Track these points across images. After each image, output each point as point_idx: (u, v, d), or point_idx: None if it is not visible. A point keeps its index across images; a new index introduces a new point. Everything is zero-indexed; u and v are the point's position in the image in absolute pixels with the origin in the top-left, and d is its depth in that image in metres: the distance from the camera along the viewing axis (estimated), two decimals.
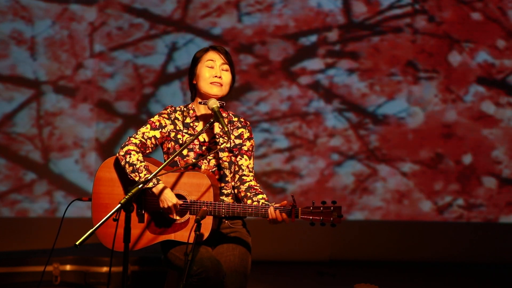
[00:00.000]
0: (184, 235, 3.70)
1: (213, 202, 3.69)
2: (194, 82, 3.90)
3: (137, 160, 3.72)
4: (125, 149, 3.76)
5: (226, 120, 3.90)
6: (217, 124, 3.89)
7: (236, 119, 3.93)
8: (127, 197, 3.44)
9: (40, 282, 5.32)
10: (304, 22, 7.12)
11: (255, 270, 4.10)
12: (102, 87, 7.01)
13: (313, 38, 7.14)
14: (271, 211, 3.63)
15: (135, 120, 7.03)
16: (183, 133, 3.87)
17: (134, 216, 3.76)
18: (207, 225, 3.68)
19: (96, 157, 7.00)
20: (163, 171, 3.67)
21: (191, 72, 3.91)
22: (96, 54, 7.00)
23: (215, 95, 3.83)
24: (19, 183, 6.97)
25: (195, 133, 3.84)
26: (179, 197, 3.73)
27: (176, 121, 3.88)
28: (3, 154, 6.95)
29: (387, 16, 7.17)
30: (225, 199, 3.86)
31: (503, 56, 7.19)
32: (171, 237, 3.73)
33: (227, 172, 3.85)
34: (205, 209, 3.65)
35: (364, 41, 7.16)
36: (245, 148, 3.89)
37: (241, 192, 3.83)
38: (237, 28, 7.09)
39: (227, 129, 3.68)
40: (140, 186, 3.50)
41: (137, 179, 3.68)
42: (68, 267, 5.53)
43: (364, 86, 7.17)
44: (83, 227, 3.79)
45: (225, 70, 3.88)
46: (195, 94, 3.92)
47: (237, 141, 3.89)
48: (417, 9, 7.16)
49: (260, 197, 3.76)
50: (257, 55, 7.11)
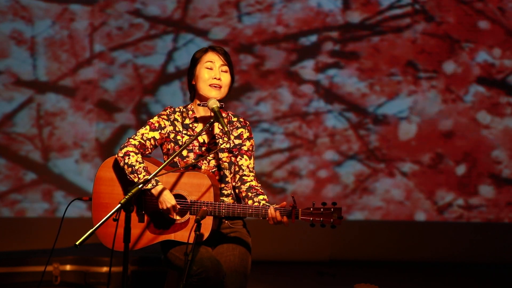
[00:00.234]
0: (184, 235, 3.69)
1: (213, 202, 3.69)
2: (193, 83, 3.90)
3: (136, 161, 3.72)
4: (124, 151, 3.75)
5: (225, 120, 3.90)
6: (216, 124, 3.88)
7: (235, 119, 3.93)
8: (127, 197, 3.44)
9: (40, 282, 5.32)
10: (304, 22, 7.12)
11: (255, 270, 4.10)
12: (102, 87, 7.00)
13: (313, 38, 7.14)
14: (271, 212, 3.63)
15: (135, 120, 7.03)
16: (183, 134, 3.86)
17: (134, 216, 3.75)
18: (207, 225, 3.68)
19: (96, 157, 6.99)
20: (163, 171, 3.67)
21: (190, 72, 3.90)
22: (96, 54, 7.00)
23: (214, 98, 3.82)
24: (19, 183, 6.97)
25: (195, 134, 3.84)
26: (179, 197, 3.73)
27: (175, 122, 3.88)
28: (3, 154, 6.94)
29: (387, 16, 7.17)
30: (225, 199, 3.85)
31: (503, 56, 7.19)
32: (171, 237, 3.73)
33: (227, 172, 3.85)
34: (205, 209, 3.64)
35: (364, 41, 7.16)
36: (245, 148, 3.89)
37: (242, 192, 3.83)
38: (237, 28, 7.09)
39: (227, 129, 3.67)
40: (140, 186, 3.50)
41: (136, 180, 3.68)
42: (68, 267, 5.53)
43: (364, 86, 7.17)
44: (83, 227, 3.78)
45: (225, 71, 3.87)
46: (194, 94, 3.91)
47: (237, 141, 3.89)
48: (417, 9, 7.16)
49: (261, 198, 3.75)
50: (257, 55, 7.11)
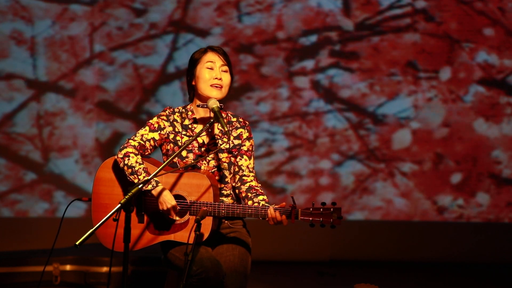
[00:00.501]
0: (184, 236, 3.69)
1: (213, 202, 3.69)
2: (193, 83, 3.89)
3: (136, 162, 3.72)
4: (124, 152, 3.75)
5: (225, 120, 3.90)
6: (216, 125, 3.88)
7: (235, 119, 3.92)
8: (127, 197, 3.43)
9: (40, 282, 5.32)
10: (304, 22, 7.12)
11: (255, 270, 4.10)
12: (102, 87, 7.00)
13: (313, 38, 7.14)
14: (270, 212, 3.63)
15: (135, 120, 7.03)
16: (182, 135, 3.86)
17: (134, 216, 3.76)
18: (207, 225, 3.68)
19: (96, 157, 6.99)
20: (163, 172, 3.67)
21: (190, 73, 3.89)
22: (96, 54, 7.00)
23: (215, 98, 3.82)
24: (19, 183, 6.97)
25: (194, 135, 3.84)
26: (178, 197, 3.73)
27: (175, 123, 3.87)
28: (3, 154, 6.94)
29: (387, 16, 7.16)
30: (225, 199, 3.85)
31: (503, 56, 7.19)
32: (171, 237, 3.73)
33: (226, 173, 3.85)
34: (205, 209, 3.64)
35: (364, 41, 7.16)
36: (244, 148, 3.89)
37: (241, 192, 3.82)
38: (237, 28, 7.09)
39: (227, 129, 3.67)
40: (140, 186, 3.50)
41: (136, 181, 3.68)
42: (68, 267, 5.53)
43: (364, 86, 7.17)
44: (83, 227, 3.79)
45: (225, 71, 3.87)
46: (194, 95, 3.91)
47: (236, 142, 3.89)
48: (417, 9, 7.16)
49: (260, 198, 3.75)
50: (257, 55, 7.11)
